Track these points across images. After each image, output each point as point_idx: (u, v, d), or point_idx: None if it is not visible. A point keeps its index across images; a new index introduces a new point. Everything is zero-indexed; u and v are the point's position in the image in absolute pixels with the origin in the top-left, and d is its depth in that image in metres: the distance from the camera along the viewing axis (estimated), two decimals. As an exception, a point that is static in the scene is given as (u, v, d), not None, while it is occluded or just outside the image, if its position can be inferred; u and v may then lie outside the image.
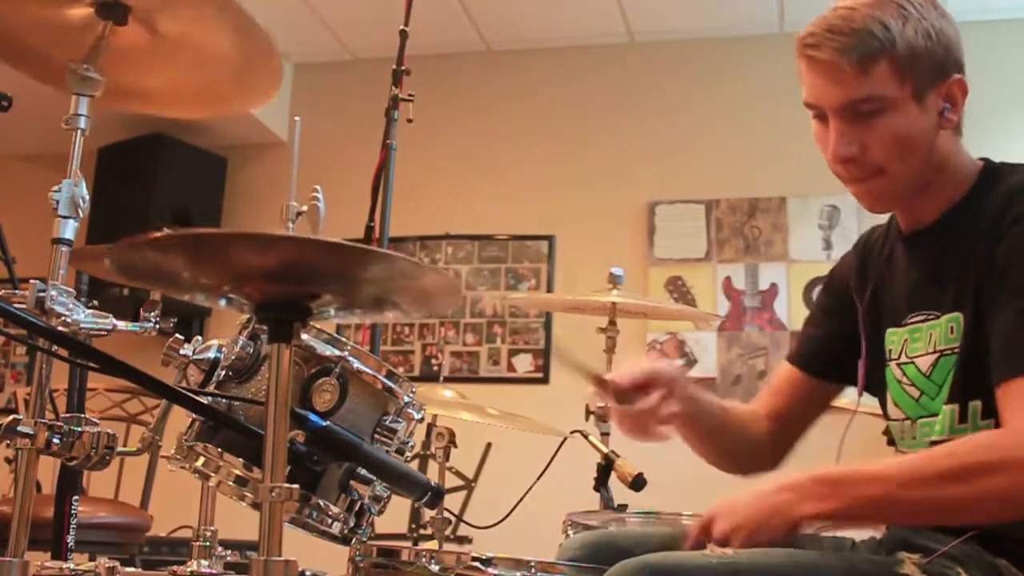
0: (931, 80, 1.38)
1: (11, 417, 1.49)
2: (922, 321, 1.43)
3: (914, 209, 1.48)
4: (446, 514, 2.24)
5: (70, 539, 2.14)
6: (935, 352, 1.40)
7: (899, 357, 1.47)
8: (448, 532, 2.57)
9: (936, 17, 1.38)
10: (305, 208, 1.73)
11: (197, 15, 1.72)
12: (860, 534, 1.59)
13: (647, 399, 1.50)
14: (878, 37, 1.34)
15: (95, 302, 1.63)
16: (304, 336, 1.50)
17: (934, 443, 1.39)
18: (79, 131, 1.64)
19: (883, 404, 1.54)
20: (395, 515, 1.86)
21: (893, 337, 1.49)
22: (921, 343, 1.43)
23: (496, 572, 1.49)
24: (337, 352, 1.52)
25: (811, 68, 1.40)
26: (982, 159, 1.46)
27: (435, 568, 1.51)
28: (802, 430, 1.68)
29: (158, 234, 1.09)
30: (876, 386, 1.54)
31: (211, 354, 1.56)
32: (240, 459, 1.47)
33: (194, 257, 1.16)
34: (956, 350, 1.37)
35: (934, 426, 1.41)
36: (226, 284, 1.22)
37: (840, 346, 1.59)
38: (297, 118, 1.83)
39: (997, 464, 1.22)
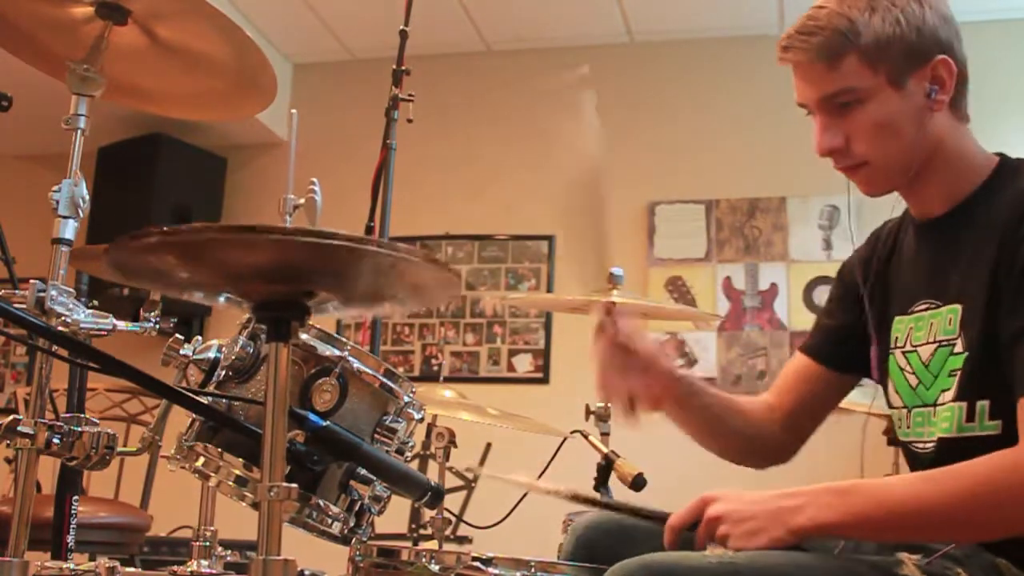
0: (908, 65, 1.39)
1: (11, 417, 1.49)
2: (926, 310, 1.44)
3: (920, 196, 1.48)
4: (446, 514, 2.24)
5: (70, 539, 2.14)
6: (934, 342, 1.40)
7: (904, 345, 1.47)
8: (448, 532, 2.56)
9: (908, 2, 1.39)
10: (303, 201, 1.72)
11: (194, 25, 1.72)
12: None
13: (643, 380, 1.55)
14: (842, 32, 1.37)
15: (95, 302, 1.63)
16: (304, 336, 1.50)
17: (942, 440, 1.38)
18: (79, 131, 1.64)
19: (886, 393, 1.53)
20: (395, 515, 1.86)
21: (899, 325, 1.49)
22: (923, 332, 1.43)
23: (496, 572, 1.49)
24: (337, 352, 1.52)
25: (793, 70, 1.45)
26: (998, 153, 1.45)
27: (435, 568, 1.50)
28: (815, 421, 1.66)
29: (144, 235, 1.07)
30: (882, 374, 1.54)
31: (211, 354, 1.56)
32: (240, 459, 1.47)
33: (186, 256, 1.15)
34: (951, 342, 1.37)
35: (930, 417, 1.40)
36: (222, 283, 1.22)
37: (853, 337, 1.59)
38: (294, 111, 1.83)
39: (1006, 488, 1.21)
